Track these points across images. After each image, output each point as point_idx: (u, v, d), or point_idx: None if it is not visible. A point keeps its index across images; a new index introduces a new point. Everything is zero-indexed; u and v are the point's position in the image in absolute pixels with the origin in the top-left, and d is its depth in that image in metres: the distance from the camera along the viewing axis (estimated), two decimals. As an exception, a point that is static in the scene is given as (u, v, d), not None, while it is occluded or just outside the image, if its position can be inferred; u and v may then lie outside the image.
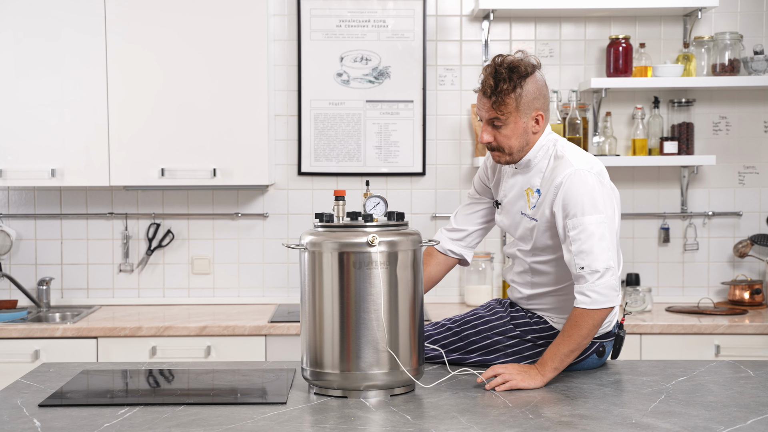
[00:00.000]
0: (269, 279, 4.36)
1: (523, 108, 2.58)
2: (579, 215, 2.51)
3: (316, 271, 2.42)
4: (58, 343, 3.75)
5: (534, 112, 2.61)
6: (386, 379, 2.40)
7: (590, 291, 2.50)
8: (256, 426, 2.16)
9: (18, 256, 4.33)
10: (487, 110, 2.60)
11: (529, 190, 2.66)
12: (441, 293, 4.35)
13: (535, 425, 2.15)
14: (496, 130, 2.61)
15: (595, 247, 2.49)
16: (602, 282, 2.50)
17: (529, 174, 2.67)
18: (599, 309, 2.50)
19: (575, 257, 2.51)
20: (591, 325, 2.51)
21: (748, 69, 4.18)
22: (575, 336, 2.51)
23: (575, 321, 2.52)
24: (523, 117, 2.59)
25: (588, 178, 2.54)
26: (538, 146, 2.65)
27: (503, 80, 2.55)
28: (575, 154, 2.62)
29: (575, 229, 2.51)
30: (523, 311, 2.75)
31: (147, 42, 3.97)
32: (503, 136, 2.61)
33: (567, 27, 4.34)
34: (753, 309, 4.14)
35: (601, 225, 2.51)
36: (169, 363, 2.98)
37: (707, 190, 4.38)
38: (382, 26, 4.30)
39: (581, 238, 2.50)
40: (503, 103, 2.56)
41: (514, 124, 2.59)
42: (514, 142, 2.61)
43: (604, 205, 2.54)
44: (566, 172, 2.55)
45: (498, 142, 2.62)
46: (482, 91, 2.60)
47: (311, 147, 4.32)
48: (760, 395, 2.42)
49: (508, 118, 2.58)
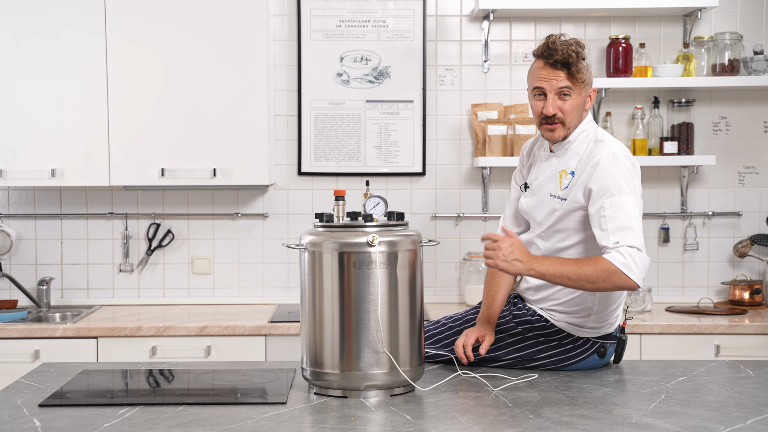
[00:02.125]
0: (269, 279, 4.36)
1: (587, 83, 2.67)
2: (617, 194, 2.52)
3: (316, 271, 2.42)
4: (58, 343, 3.75)
5: (590, 88, 2.69)
6: (386, 379, 2.40)
7: (628, 255, 2.46)
8: (256, 426, 2.16)
9: (18, 256, 4.33)
10: (561, 79, 2.63)
11: (563, 171, 2.68)
12: (441, 293, 4.35)
13: (535, 425, 2.15)
14: (562, 101, 2.65)
15: (633, 225, 2.49)
16: (639, 256, 2.47)
17: (565, 157, 2.70)
18: (624, 273, 2.45)
19: (611, 234, 2.48)
20: (603, 279, 2.46)
21: (748, 69, 4.18)
22: (582, 271, 2.47)
23: (594, 263, 2.47)
24: (586, 89, 2.67)
25: (626, 163, 2.59)
26: (580, 129, 2.70)
27: (577, 54, 2.62)
28: (614, 140, 2.68)
29: (613, 207, 2.51)
30: (525, 309, 2.75)
31: (147, 42, 3.97)
32: (569, 107, 2.65)
33: (567, 27, 4.34)
34: (753, 309, 4.14)
35: (637, 207, 2.53)
36: (169, 363, 2.98)
37: (707, 190, 4.38)
38: (382, 26, 4.30)
39: (619, 216, 2.50)
40: (579, 72, 2.63)
41: (578, 97, 2.66)
42: (575, 115, 2.67)
43: (637, 190, 2.57)
44: (605, 153, 2.59)
45: (563, 113, 2.66)
46: (554, 61, 2.62)
47: (311, 147, 4.32)
48: (760, 395, 2.42)
49: (579, 89, 2.65)
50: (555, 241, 2.68)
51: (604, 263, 2.47)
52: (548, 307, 2.71)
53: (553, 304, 2.70)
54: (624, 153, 2.62)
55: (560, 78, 2.63)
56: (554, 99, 2.65)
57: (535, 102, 2.68)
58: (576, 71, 2.62)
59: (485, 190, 4.32)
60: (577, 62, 2.62)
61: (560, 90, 2.64)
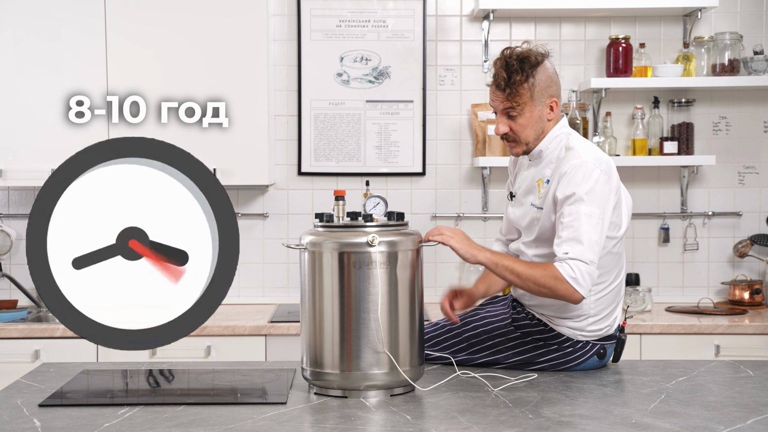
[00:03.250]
0: (269, 279, 4.36)
1: (537, 96, 2.62)
2: (577, 203, 2.51)
3: (316, 271, 2.42)
4: (58, 343, 3.75)
5: (548, 99, 2.65)
6: (386, 379, 2.40)
7: (576, 268, 2.48)
8: (256, 426, 2.16)
9: (18, 256, 4.33)
10: (501, 101, 2.64)
11: (540, 181, 2.67)
12: (441, 293, 4.34)
13: (535, 425, 2.15)
14: (511, 120, 2.64)
15: (584, 238, 2.49)
16: (586, 269, 2.48)
17: (541, 165, 2.69)
18: (571, 285, 2.47)
19: (564, 243, 2.51)
20: (550, 287, 2.48)
21: (748, 69, 4.18)
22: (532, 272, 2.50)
23: (545, 268, 2.50)
24: (537, 105, 2.63)
25: (593, 172, 2.55)
26: (552, 136, 2.67)
27: (515, 72, 2.59)
28: (586, 147, 2.64)
29: (570, 216, 2.51)
30: (524, 313, 2.75)
31: (147, 42, 3.97)
32: (519, 125, 2.64)
33: (567, 27, 4.34)
34: (753, 309, 4.14)
35: (594, 218, 2.51)
36: (169, 363, 2.99)
37: (707, 190, 4.38)
38: (382, 26, 4.30)
39: (574, 226, 2.50)
40: (517, 93, 2.60)
41: (529, 114, 2.63)
42: (529, 132, 2.65)
43: (603, 200, 2.54)
44: (573, 162, 2.57)
45: (514, 132, 2.65)
46: (495, 84, 2.64)
47: (311, 147, 4.32)
48: (760, 395, 2.42)
49: (524, 108, 2.62)
50: (540, 250, 2.69)
51: (554, 271, 2.49)
52: (547, 312, 2.71)
53: (550, 309, 2.70)
54: (594, 161, 2.58)
55: (501, 99, 2.64)
56: (503, 119, 2.66)
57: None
58: (511, 94, 2.60)
59: (485, 190, 4.32)
60: (511, 85, 2.59)
61: (504, 111, 2.65)
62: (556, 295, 2.51)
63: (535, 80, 2.61)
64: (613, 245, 2.65)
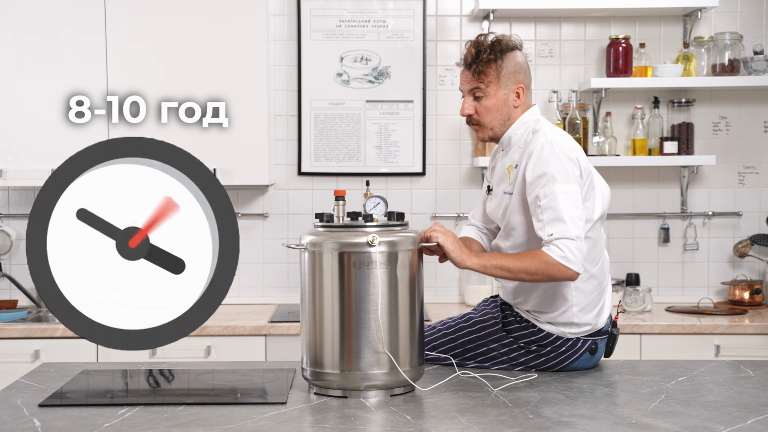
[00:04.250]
0: (269, 279, 4.36)
1: (504, 79, 2.63)
2: (550, 183, 2.51)
3: (316, 271, 2.42)
4: (58, 343, 3.75)
5: (515, 84, 2.65)
6: (386, 379, 2.40)
7: (564, 247, 2.47)
8: (256, 426, 2.16)
9: (18, 256, 4.33)
10: (468, 81, 2.65)
11: (510, 167, 2.67)
12: (441, 293, 4.35)
13: (535, 425, 2.15)
14: (477, 102, 2.65)
15: (566, 215, 2.48)
16: (575, 245, 2.47)
17: (510, 152, 2.69)
18: (563, 265, 2.46)
19: (546, 225, 2.49)
20: (542, 272, 2.48)
21: (748, 69, 4.18)
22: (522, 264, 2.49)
23: (533, 256, 2.49)
24: (503, 88, 2.63)
25: (559, 149, 2.54)
26: (520, 122, 2.67)
27: (484, 50, 2.61)
28: (552, 129, 2.63)
29: (546, 197, 2.50)
30: (513, 316, 2.73)
31: (147, 42, 3.97)
32: (484, 108, 2.64)
33: (567, 27, 4.34)
34: (753, 309, 4.14)
35: (570, 195, 2.50)
36: (169, 363, 2.99)
37: (707, 190, 4.38)
38: (382, 26, 4.30)
39: (552, 206, 2.49)
40: (483, 72, 2.61)
41: (494, 96, 2.63)
42: (494, 115, 2.65)
43: (572, 174, 2.53)
44: (539, 141, 2.56)
45: (479, 114, 2.66)
46: (464, 62, 2.65)
47: (311, 147, 4.32)
48: (760, 395, 2.42)
49: (489, 87, 2.62)
50: (514, 239, 2.67)
51: (543, 256, 2.48)
52: (531, 308, 2.69)
53: (532, 305, 2.68)
54: (560, 139, 2.57)
55: (468, 79, 2.65)
56: (469, 100, 2.67)
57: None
58: (477, 71, 2.61)
59: (485, 190, 4.32)
60: (478, 62, 2.61)
61: (471, 91, 2.66)
62: (551, 278, 2.50)
63: (503, 63, 2.62)
64: (588, 230, 2.61)
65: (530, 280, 2.52)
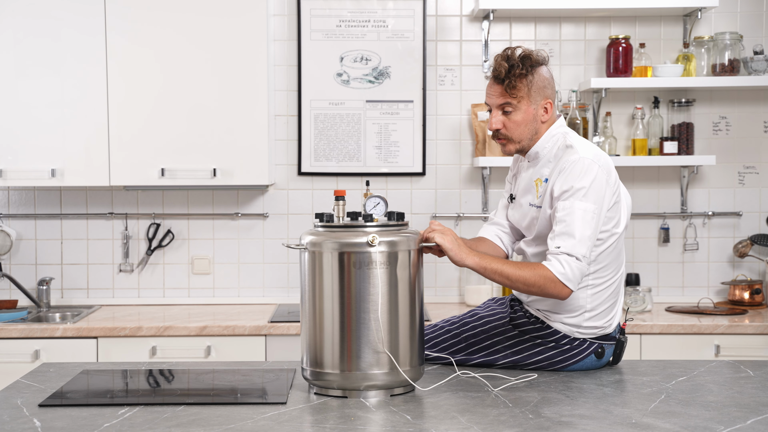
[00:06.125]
0: (269, 279, 4.36)
1: (533, 94, 2.64)
2: (571, 198, 2.53)
3: (316, 271, 2.42)
4: (58, 343, 3.75)
5: (543, 100, 2.66)
6: (386, 379, 2.40)
7: (566, 264, 2.50)
8: (256, 426, 2.16)
9: (18, 256, 4.33)
10: (498, 95, 2.65)
11: (538, 180, 2.69)
12: (441, 293, 4.35)
13: (535, 425, 2.15)
14: (506, 116, 2.66)
15: (577, 233, 2.51)
16: (576, 265, 2.50)
17: (539, 165, 2.70)
18: (561, 283, 2.50)
19: (557, 237, 2.53)
20: (539, 285, 2.50)
21: (748, 69, 4.18)
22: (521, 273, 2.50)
23: (534, 268, 2.51)
24: (533, 104, 2.65)
25: (591, 168, 2.57)
26: (548, 136, 2.69)
27: (516, 65, 2.61)
28: (584, 145, 2.66)
29: (564, 211, 2.53)
30: (522, 311, 2.75)
31: (147, 42, 3.97)
32: (513, 122, 2.65)
33: (567, 27, 4.34)
34: (753, 309, 4.14)
35: (588, 213, 2.52)
36: (169, 363, 2.98)
37: (707, 190, 4.38)
38: (382, 26, 4.30)
39: (567, 220, 2.52)
40: (515, 86, 2.61)
41: (524, 111, 2.64)
42: (523, 130, 2.66)
43: (599, 197, 2.55)
44: (571, 158, 2.58)
45: (507, 129, 2.67)
46: (494, 76, 2.65)
47: (311, 147, 4.32)
48: (760, 395, 2.42)
49: (520, 102, 2.63)
50: (539, 248, 2.70)
51: (544, 271, 2.51)
52: (543, 307, 2.71)
53: (546, 305, 2.70)
54: (593, 157, 2.59)
55: (498, 93, 2.65)
56: (497, 114, 2.67)
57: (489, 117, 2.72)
58: (510, 86, 2.61)
59: (485, 190, 4.32)
60: (511, 78, 2.61)
61: (500, 106, 2.66)
62: (545, 294, 2.53)
63: (533, 78, 2.63)
64: (613, 241, 2.65)
65: (525, 291, 2.55)
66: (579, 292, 2.65)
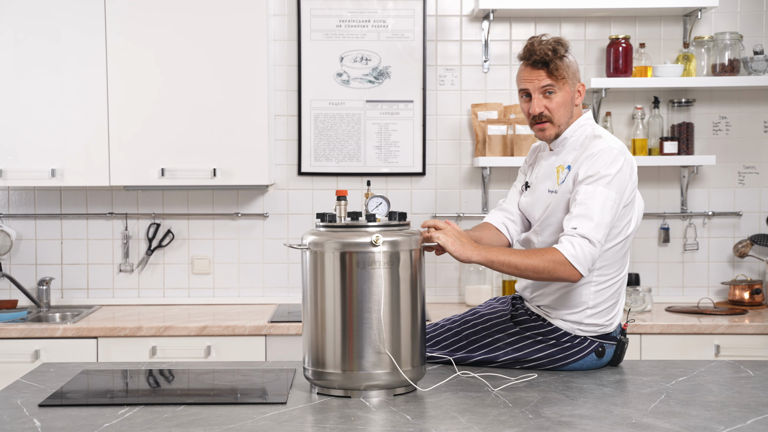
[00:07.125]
0: (269, 279, 4.36)
1: (571, 77, 2.70)
2: (594, 183, 2.56)
3: (318, 271, 2.42)
4: (58, 343, 3.75)
5: (578, 83, 2.72)
6: (388, 379, 2.40)
7: (578, 246, 2.51)
8: (256, 426, 2.16)
9: (18, 256, 4.33)
10: (541, 78, 2.68)
11: (560, 167, 2.71)
12: (441, 293, 4.35)
13: (535, 425, 2.15)
14: (548, 99, 2.69)
15: (596, 216, 2.52)
16: (589, 249, 2.51)
17: (563, 152, 2.73)
18: (571, 265, 2.50)
19: (574, 218, 2.54)
20: (549, 270, 2.50)
21: (748, 69, 4.18)
22: (530, 261, 2.51)
23: (543, 254, 2.52)
24: (570, 86, 2.70)
25: (618, 158, 2.60)
26: (578, 125, 2.73)
27: (554, 50, 2.66)
28: (612, 137, 2.71)
29: (585, 194, 2.55)
30: (523, 309, 2.76)
31: (147, 42, 3.97)
32: (555, 104, 2.69)
33: (567, 27, 4.34)
34: (753, 309, 4.14)
35: (609, 201, 2.55)
36: (169, 363, 2.98)
37: (707, 190, 4.38)
38: (382, 26, 4.30)
39: (587, 203, 2.54)
40: (558, 68, 2.66)
41: (565, 92, 2.69)
42: (563, 112, 2.70)
43: (621, 188, 2.59)
44: (600, 147, 2.62)
45: (550, 111, 2.69)
46: (534, 61, 2.67)
47: (311, 147, 4.32)
48: (760, 395, 2.42)
49: (563, 84, 2.68)
50: (547, 235, 2.71)
51: (554, 254, 2.51)
52: (544, 304, 2.72)
53: (548, 301, 2.71)
54: (621, 149, 2.64)
55: (541, 77, 2.68)
56: (539, 98, 2.69)
57: (523, 104, 2.74)
58: (555, 68, 2.66)
59: (485, 190, 4.32)
60: (555, 59, 2.65)
61: (543, 89, 2.68)
62: (555, 278, 2.53)
63: (569, 60, 2.69)
64: (621, 240, 2.67)
65: (535, 278, 2.55)
66: (582, 288, 2.65)
